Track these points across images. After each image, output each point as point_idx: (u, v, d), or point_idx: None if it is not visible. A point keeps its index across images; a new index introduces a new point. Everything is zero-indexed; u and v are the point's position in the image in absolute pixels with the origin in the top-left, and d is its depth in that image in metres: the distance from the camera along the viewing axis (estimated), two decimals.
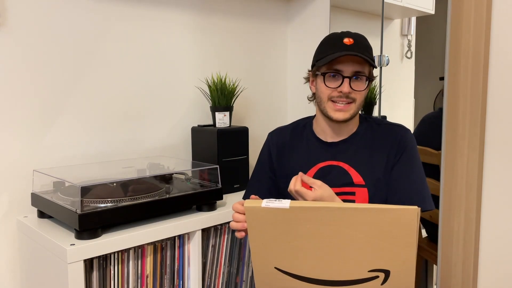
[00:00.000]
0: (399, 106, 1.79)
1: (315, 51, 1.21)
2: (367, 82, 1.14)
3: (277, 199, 0.90)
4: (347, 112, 1.13)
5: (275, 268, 0.97)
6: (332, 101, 1.14)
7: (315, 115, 1.26)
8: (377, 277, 0.93)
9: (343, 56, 1.09)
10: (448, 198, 1.38)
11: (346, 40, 1.12)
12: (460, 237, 1.36)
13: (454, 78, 1.33)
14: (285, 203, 0.89)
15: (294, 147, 1.25)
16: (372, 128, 1.21)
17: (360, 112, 1.22)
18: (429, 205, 1.16)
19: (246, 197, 1.32)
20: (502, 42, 1.25)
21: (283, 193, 1.25)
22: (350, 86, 1.11)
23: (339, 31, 1.18)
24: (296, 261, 0.95)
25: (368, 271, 0.93)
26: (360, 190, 1.16)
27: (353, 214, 0.86)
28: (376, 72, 1.69)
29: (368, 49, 1.14)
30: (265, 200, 0.91)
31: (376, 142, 1.19)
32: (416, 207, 0.84)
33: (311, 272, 0.95)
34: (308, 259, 0.94)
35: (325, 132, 1.22)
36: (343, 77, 1.11)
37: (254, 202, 0.91)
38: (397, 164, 1.16)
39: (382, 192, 1.16)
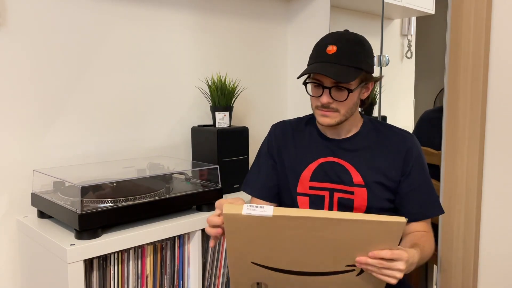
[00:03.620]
0: (399, 106, 1.79)
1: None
2: (351, 93, 1.10)
3: (259, 206, 0.84)
4: (332, 119, 1.12)
5: (252, 262, 0.94)
6: (319, 109, 1.14)
7: None
8: (353, 270, 0.93)
9: (318, 73, 1.06)
10: (448, 198, 1.38)
11: (329, 48, 1.09)
12: (460, 237, 1.36)
13: (454, 78, 1.33)
14: (267, 211, 0.83)
15: (296, 141, 1.25)
16: (377, 130, 1.21)
17: (360, 111, 1.22)
18: (442, 210, 1.20)
19: (245, 184, 1.31)
20: (502, 42, 1.25)
21: (281, 183, 1.25)
22: (331, 96, 1.10)
23: (333, 32, 1.15)
24: (274, 258, 0.92)
25: (345, 266, 0.92)
26: (359, 190, 1.16)
27: (339, 224, 0.84)
28: (376, 72, 1.68)
29: (355, 55, 1.09)
30: (245, 206, 0.84)
31: (380, 145, 1.18)
32: (404, 219, 0.83)
33: (288, 266, 0.93)
34: (287, 257, 0.91)
35: (325, 130, 1.22)
36: (323, 88, 1.10)
37: (234, 208, 0.84)
38: (411, 174, 1.16)
39: (381, 194, 1.16)
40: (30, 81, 1.39)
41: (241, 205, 0.85)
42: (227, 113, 1.69)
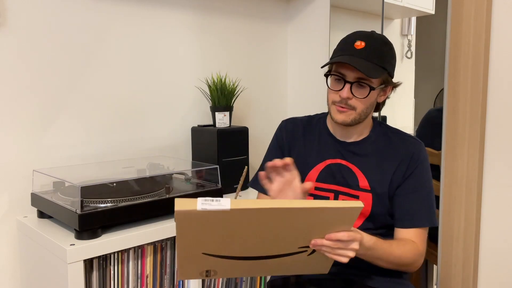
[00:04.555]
0: (399, 106, 1.79)
1: None
2: (372, 91, 1.10)
3: (214, 199, 0.77)
4: (347, 116, 1.11)
5: (203, 253, 0.88)
6: (335, 104, 1.12)
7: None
8: (305, 251, 0.92)
9: (346, 63, 1.06)
10: (448, 198, 1.38)
11: (357, 43, 1.08)
12: (460, 237, 1.36)
13: (454, 78, 1.33)
14: (225, 205, 0.76)
15: (306, 139, 1.24)
16: (386, 135, 1.20)
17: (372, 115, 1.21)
18: (435, 222, 1.16)
19: (254, 181, 1.30)
20: (502, 42, 1.25)
21: None
22: (352, 92, 1.09)
23: (360, 30, 1.14)
24: (228, 247, 0.88)
25: (298, 248, 0.91)
26: (364, 195, 1.15)
27: (298, 213, 0.82)
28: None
29: (381, 55, 1.09)
30: (200, 200, 0.76)
31: (388, 151, 1.17)
32: (361, 204, 0.82)
33: (241, 253, 0.90)
34: (241, 245, 0.88)
35: (336, 131, 1.21)
36: (345, 82, 1.09)
37: (187, 203, 0.75)
38: (408, 179, 1.14)
39: (386, 200, 1.15)
40: (30, 81, 1.39)
41: (194, 200, 0.76)
42: (227, 113, 1.69)
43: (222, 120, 1.68)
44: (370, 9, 1.78)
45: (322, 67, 1.12)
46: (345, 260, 0.91)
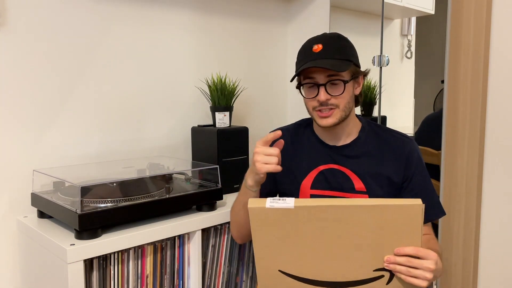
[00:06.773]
0: (399, 106, 1.79)
1: None
2: (347, 84, 1.11)
3: (281, 198, 0.89)
4: (333, 118, 1.11)
5: (279, 271, 0.96)
6: (316, 110, 1.13)
7: None
8: (382, 276, 0.93)
9: (312, 67, 1.07)
10: (448, 198, 1.38)
11: (315, 47, 1.10)
12: (460, 237, 1.36)
13: (454, 78, 1.33)
14: (289, 203, 0.88)
15: (296, 148, 1.24)
16: (377, 134, 1.19)
17: (360, 113, 1.22)
18: (443, 211, 1.19)
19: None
20: (502, 42, 1.25)
21: (280, 191, 1.25)
22: (328, 92, 1.09)
23: (315, 36, 1.16)
24: (301, 263, 0.94)
25: (373, 271, 0.92)
26: (361, 197, 1.15)
27: (359, 212, 0.87)
28: (376, 72, 1.68)
29: (341, 49, 1.10)
30: (268, 200, 0.88)
31: (380, 150, 1.17)
32: (420, 202, 0.85)
33: (316, 274, 0.95)
34: (313, 260, 0.93)
35: (324, 136, 1.21)
36: (318, 86, 1.10)
37: (258, 202, 0.89)
38: (414, 178, 1.16)
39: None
40: (30, 81, 1.39)
41: (264, 199, 0.88)
42: (227, 113, 1.69)
43: (222, 120, 1.68)
44: (370, 9, 1.79)
45: (291, 81, 1.14)
46: (424, 284, 0.90)
